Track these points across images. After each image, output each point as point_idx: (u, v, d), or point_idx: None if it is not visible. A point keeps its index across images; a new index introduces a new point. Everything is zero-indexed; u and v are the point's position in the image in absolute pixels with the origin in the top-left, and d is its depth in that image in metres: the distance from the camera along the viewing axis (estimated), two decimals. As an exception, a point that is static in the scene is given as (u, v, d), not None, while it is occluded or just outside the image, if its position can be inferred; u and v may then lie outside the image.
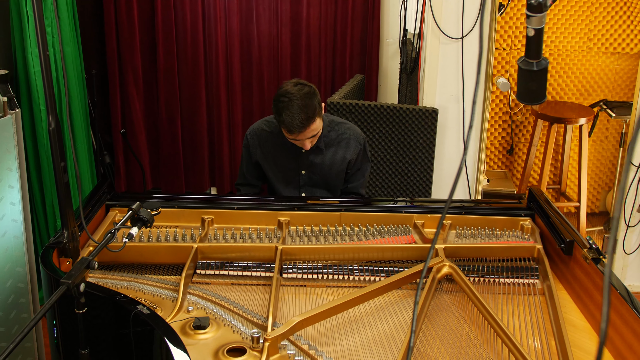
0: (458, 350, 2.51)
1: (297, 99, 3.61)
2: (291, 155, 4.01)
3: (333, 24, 6.31)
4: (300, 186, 4.06)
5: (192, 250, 3.11)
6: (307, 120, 3.62)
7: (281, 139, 3.97)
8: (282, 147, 4.00)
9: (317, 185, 4.07)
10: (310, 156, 3.99)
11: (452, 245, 3.14)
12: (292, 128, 3.63)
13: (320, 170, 4.03)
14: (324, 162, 4.01)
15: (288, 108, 3.61)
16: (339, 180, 4.09)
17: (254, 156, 4.07)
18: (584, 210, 5.81)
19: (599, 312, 2.65)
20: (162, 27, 6.02)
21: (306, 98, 3.63)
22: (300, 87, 3.68)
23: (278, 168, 4.06)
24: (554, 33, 6.12)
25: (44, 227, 5.05)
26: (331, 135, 4.00)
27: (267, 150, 4.05)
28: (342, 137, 4.02)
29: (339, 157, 4.02)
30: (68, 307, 2.73)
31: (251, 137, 4.07)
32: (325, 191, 4.10)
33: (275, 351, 2.46)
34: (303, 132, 3.67)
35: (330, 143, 4.00)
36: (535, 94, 2.34)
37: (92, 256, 2.44)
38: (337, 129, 4.03)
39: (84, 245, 3.21)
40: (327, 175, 4.04)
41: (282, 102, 3.65)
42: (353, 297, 2.72)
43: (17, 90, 4.74)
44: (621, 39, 6.13)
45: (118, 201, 3.59)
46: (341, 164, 4.03)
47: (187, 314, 2.73)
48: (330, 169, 4.03)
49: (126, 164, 6.46)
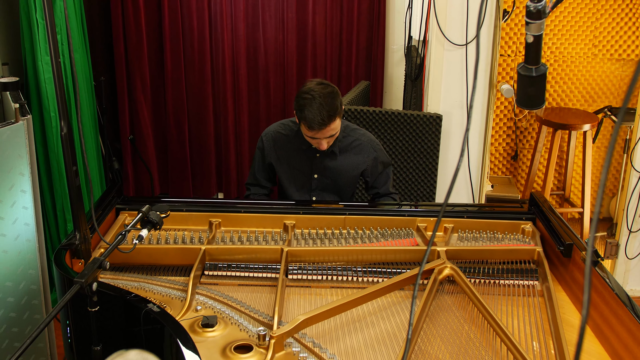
0: (458, 349, 2.58)
1: (320, 97, 3.69)
2: (305, 159, 4.08)
3: (339, 31, 6.37)
4: (311, 190, 4.13)
5: (200, 252, 3.19)
6: (329, 119, 3.69)
7: (296, 143, 4.05)
8: (297, 151, 4.07)
9: (328, 189, 4.14)
10: (325, 160, 4.06)
11: (453, 248, 3.21)
12: (313, 124, 3.70)
13: (332, 175, 4.10)
14: (337, 167, 4.08)
15: (311, 105, 3.68)
16: (350, 186, 4.16)
17: (267, 158, 4.14)
18: (587, 215, 5.86)
19: (597, 312, 2.71)
20: (170, 34, 6.09)
21: (328, 97, 3.71)
22: (323, 86, 3.76)
23: (291, 171, 4.12)
24: (559, 39, 6.17)
25: (54, 231, 5.13)
26: (346, 141, 4.07)
27: (282, 153, 4.12)
28: (357, 143, 4.09)
29: (352, 163, 4.08)
30: (81, 307, 2.80)
31: (266, 140, 4.14)
32: (335, 196, 4.16)
33: (281, 348, 2.53)
34: (323, 130, 3.74)
35: (344, 148, 4.06)
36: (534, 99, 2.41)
37: (104, 256, 2.52)
38: (351, 134, 4.09)
39: (95, 247, 3.29)
40: (339, 180, 4.11)
41: (305, 99, 3.72)
42: (356, 297, 2.80)
43: (27, 97, 4.81)
44: (626, 45, 6.18)
45: (128, 205, 3.67)
46: (354, 170, 4.10)
47: (196, 313, 2.81)
48: (343, 175, 4.10)
49: (134, 170, 6.53)
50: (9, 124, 3.73)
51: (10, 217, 3.79)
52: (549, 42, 6.15)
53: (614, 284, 2.64)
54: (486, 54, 4.89)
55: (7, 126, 3.71)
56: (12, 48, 5.08)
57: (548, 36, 6.12)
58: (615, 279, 2.73)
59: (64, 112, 2.86)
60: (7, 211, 3.76)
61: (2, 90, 4.09)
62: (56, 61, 2.79)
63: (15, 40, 5.01)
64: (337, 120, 3.77)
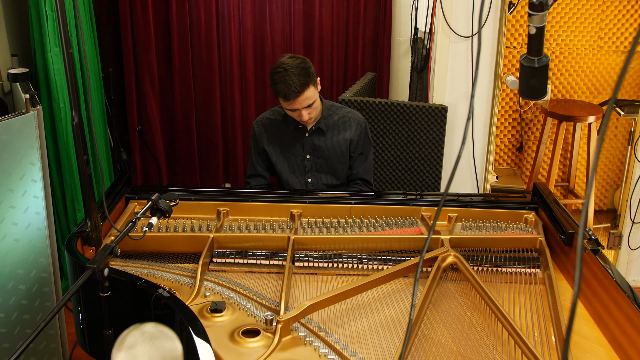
0: (460, 334, 2.63)
1: (292, 68, 3.81)
2: (295, 140, 4.18)
3: (345, 22, 6.41)
4: (306, 171, 4.21)
5: (208, 240, 3.25)
6: (302, 86, 3.80)
7: (284, 125, 4.17)
8: (286, 133, 4.18)
9: (322, 170, 4.21)
10: (313, 139, 4.15)
11: (457, 237, 3.26)
12: (288, 94, 3.81)
13: (324, 154, 4.18)
14: (327, 145, 4.16)
15: (283, 76, 3.80)
16: (343, 163, 4.23)
17: (260, 143, 4.23)
18: (591, 207, 5.91)
19: (597, 300, 2.76)
20: (177, 26, 6.13)
21: (299, 67, 3.83)
22: (294, 59, 3.89)
23: (284, 154, 4.21)
24: (564, 32, 6.20)
25: (64, 220, 5.19)
26: (332, 118, 4.17)
27: (273, 137, 4.22)
28: (344, 119, 4.19)
29: (341, 138, 4.17)
30: (92, 293, 2.87)
31: (257, 127, 4.25)
32: (331, 176, 4.23)
33: (288, 333, 2.59)
34: (298, 99, 3.84)
35: (331, 126, 4.16)
36: (536, 89, 2.45)
37: (115, 243, 2.58)
38: (337, 112, 4.21)
39: (105, 235, 3.36)
40: (331, 158, 4.19)
41: (278, 72, 3.85)
42: (361, 283, 2.85)
43: (36, 88, 4.86)
44: (631, 37, 6.20)
45: (137, 194, 3.74)
46: (343, 145, 4.18)
47: (205, 299, 2.87)
48: (334, 152, 4.17)
49: (142, 161, 6.58)
50: (19, 115, 3.78)
51: (22, 206, 3.85)
52: (555, 35, 6.19)
53: (614, 273, 2.69)
54: (491, 46, 4.92)
55: (18, 117, 3.76)
56: (21, 40, 5.14)
57: (554, 28, 6.16)
58: (615, 267, 2.78)
59: (75, 102, 2.92)
60: (18, 200, 3.82)
61: (12, 81, 4.14)
62: (67, 52, 2.84)
63: (24, 31, 5.07)
64: (311, 88, 3.88)
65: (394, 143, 5.16)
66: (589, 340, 2.64)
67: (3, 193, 3.71)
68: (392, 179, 5.29)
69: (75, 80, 2.96)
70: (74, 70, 3.00)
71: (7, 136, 3.66)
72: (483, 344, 2.57)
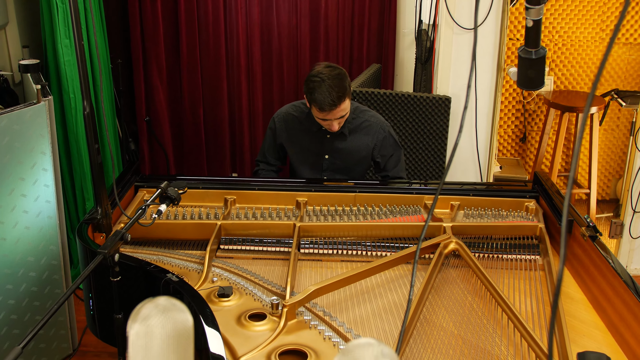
0: (461, 318, 2.71)
1: (329, 79, 3.81)
2: (316, 140, 4.20)
3: (351, 15, 6.45)
4: (322, 170, 4.25)
5: (216, 227, 3.33)
6: (338, 99, 3.81)
7: (307, 124, 4.18)
8: (308, 132, 4.20)
9: (339, 170, 4.26)
10: (335, 142, 4.18)
11: (459, 224, 3.34)
12: (324, 106, 3.82)
13: (343, 156, 4.21)
14: (347, 148, 4.19)
15: (320, 87, 3.80)
16: (360, 166, 4.27)
17: (278, 139, 4.27)
18: (594, 196, 5.96)
19: (595, 285, 2.83)
20: (185, 18, 6.18)
21: (337, 78, 3.83)
22: (331, 69, 3.89)
23: (302, 152, 4.25)
24: (567, 24, 6.24)
25: (73, 209, 5.26)
26: (355, 122, 4.18)
27: (293, 134, 4.24)
28: (366, 124, 4.20)
29: (362, 143, 4.19)
30: (103, 278, 2.94)
31: (278, 121, 4.27)
32: (346, 177, 4.27)
33: (293, 317, 2.66)
34: (333, 111, 3.86)
35: (354, 130, 4.18)
36: (534, 80, 2.51)
37: (125, 229, 2.66)
38: (361, 116, 4.21)
39: (115, 222, 3.43)
40: (349, 161, 4.22)
41: (314, 81, 3.85)
42: (365, 269, 2.93)
43: (47, 79, 4.92)
44: (633, 29, 6.24)
45: (146, 182, 3.81)
46: (363, 150, 4.21)
47: (212, 284, 2.95)
48: (353, 155, 4.21)
49: (150, 151, 6.63)
50: (31, 105, 3.85)
51: (33, 194, 3.92)
52: (558, 27, 6.24)
53: (612, 259, 2.76)
54: (494, 38, 4.98)
55: (30, 107, 3.84)
56: (32, 31, 5.21)
57: (557, 20, 6.21)
58: (613, 254, 2.85)
59: (86, 92, 2.99)
60: (29, 189, 3.89)
61: (23, 72, 4.20)
62: (79, 44, 2.91)
63: (35, 23, 5.14)
64: (347, 100, 3.89)
65: (399, 133, 5.22)
66: (586, 324, 2.72)
67: (14, 181, 3.79)
68: (397, 169, 5.35)
69: (87, 71, 3.02)
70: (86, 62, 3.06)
71: (19, 126, 3.74)
72: (483, 328, 2.65)
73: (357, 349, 0.95)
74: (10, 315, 3.95)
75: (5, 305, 3.91)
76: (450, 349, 2.52)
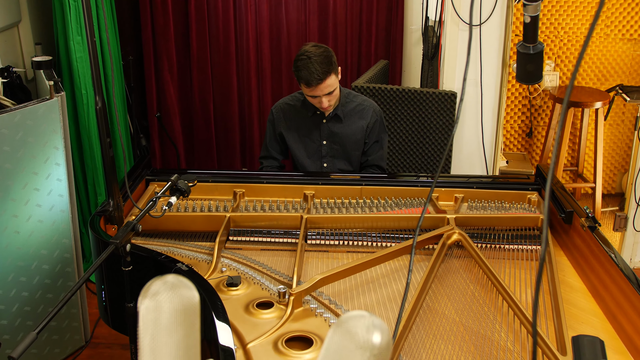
0: (463, 306, 2.78)
1: (315, 56, 3.93)
2: (313, 126, 4.31)
3: (359, 12, 6.51)
4: (322, 157, 4.34)
5: (225, 219, 3.41)
6: (324, 74, 3.93)
7: (303, 111, 4.30)
8: (304, 118, 4.31)
9: (337, 156, 4.35)
10: (331, 126, 4.28)
11: (462, 215, 3.41)
12: (310, 80, 3.94)
13: (340, 140, 4.31)
14: (344, 132, 4.29)
15: (306, 64, 3.93)
16: (358, 150, 4.36)
17: (277, 128, 4.37)
18: (599, 190, 6.02)
19: (594, 274, 2.90)
20: (195, 15, 6.24)
21: (322, 55, 3.96)
22: (317, 47, 4.02)
23: (301, 139, 4.35)
24: (572, 20, 6.30)
25: (85, 203, 5.35)
26: (349, 106, 4.29)
27: (291, 122, 4.35)
28: (360, 107, 4.32)
29: (357, 126, 4.30)
30: (115, 270, 3.03)
31: (276, 112, 4.38)
32: (345, 162, 4.36)
33: (299, 305, 2.74)
34: (320, 86, 3.97)
35: (348, 113, 4.29)
36: (532, 74, 2.58)
37: (137, 220, 2.74)
38: (354, 100, 4.33)
39: (126, 215, 3.51)
40: (346, 144, 4.32)
41: (301, 59, 3.97)
42: (369, 259, 3.01)
43: (59, 75, 4.99)
44: (637, 25, 6.28)
45: (157, 176, 3.90)
46: (359, 133, 4.31)
47: (221, 274, 3.03)
48: (350, 138, 4.31)
49: (161, 147, 6.70)
50: (44, 100, 3.94)
51: (46, 188, 4.01)
52: (563, 23, 6.29)
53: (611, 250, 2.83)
54: (499, 34, 5.03)
55: (43, 102, 3.92)
56: (44, 29, 5.29)
57: (562, 17, 6.27)
58: (610, 244, 2.91)
59: (99, 87, 3.06)
60: (42, 183, 3.98)
61: (36, 68, 4.28)
62: (92, 40, 2.98)
63: (47, 21, 5.22)
64: (333, 75, 4.00)
65: (406, 128, 5.29)
66: (585, 312, 2.78)
67: (28, 176, 3.87)
68: (404, 163, 5.41)
69: (99, 66, 3.10)
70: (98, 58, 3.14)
71: (32, 121, 3.82)
72: (484, 315, 2.72)
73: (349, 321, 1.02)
74: (23, 307, 4.04)
75: (19, 297, 3.99)
76: (451, 335, 2.60)
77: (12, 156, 3.75)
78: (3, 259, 3.85)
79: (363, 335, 1.00)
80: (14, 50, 4.93)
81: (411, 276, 3.01)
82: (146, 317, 1.05)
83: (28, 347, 2.16)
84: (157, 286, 1.05)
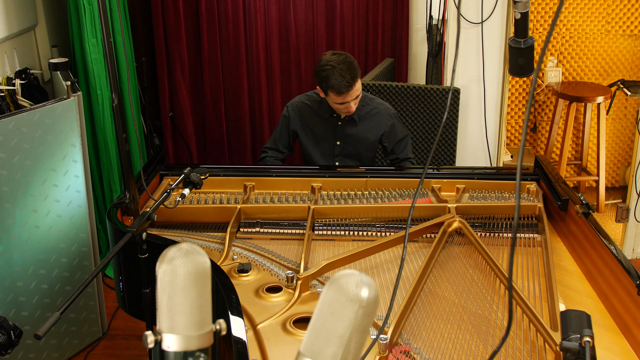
0: (462, 289, 2.92)
1: (339, 64, 4.03)
2: (328, 127, 4.43)
3: (365, 12, 6.61)
4: (334, 156, 4.46)
5: (236, 211, 3.56)
6: (352, 80, 4.03)
7: (319, 112, 4.42)
8: (320, 119, 4.43)
9: (350, 156, 4.47)
10: (346, 128, 4.40)
11: (463, 205, 3.55)
12: (341, 89, 4.03)
13: (354, 142, 4.43)
14: (358, 134, 4.41)
15: (333, 73, 4.02)
16: (370, 151, 4.48)
17: (292, 126, 4.49)
18: (602, 183, 6.15)
19: (588, 257, 3.04)
20: (206, 17, 6.34)
21: (346, 62, 4.06)
22: (338, 55, 4.13)
23: (315, 139, 4.47)
24: (573, 17, 6.40)
25: (101, 200, 5.47)
26: (364, 110, 4.40)
27: (306, 122, 4.47)
28: (375, 111, 4.42)
29: (371, 129, 4.41)
30: (131, 260, 3.18)
31: (292, 109, 4.50)
32: (357, 162, 4.49)
33: (307, 289, 2.89)
34: (350, 92, 4.07)
35: (363, 117, 4.40)
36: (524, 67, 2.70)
37: (152, 210, 2.89)
38: (370, 103, 4.43)
39: (142, 207, 3.66)
40: (360, 146, 4.44)
41: (326, 70, 4.06)
42: (374, 245, 3.16)
43: (75, 76, 5.10)
44: (638, 22, 6.39)
45: (170, 171, 4.06)
46: (373, 136, 4.43)
47: (232, 261, 3.18)
48: (364, 141, 4.43)
49: (174, 146, 6.82)
50: (61, 100, 4.08)
51: (64, 184, 4.14)
52: (565, 20, 6.41)
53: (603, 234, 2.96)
54: (500, 31, 5.16)
55: (60, 102, 4.07)
56: (60, 31, 5.44)
57: (564, 14, 6.37)
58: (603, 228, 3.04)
59: (115, 85, 3.20)
60: (60, 179, 4.11)
61: (53, 70, 4.41)
62: (107, 40, 3.12)
63: (63, 24, 5.37)
64: (359, 80, 4.11)
65: (412, 123, 5.42)
66: (579, 293, 2.92)
67: (47, 172, 4.01)
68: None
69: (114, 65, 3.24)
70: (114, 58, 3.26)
71: (51, 120, 3.96)
72: (482, 297, 2.86)
73: (341, 278, 1.17)
74: (43, 299, 4.17)
75: (38, 289, 4.12)
76: (451, 315, 2.74)
77: (31, 153, 3.88)
78: (24, 253, 3.98)
79: (353, 290, 1.15)
80: (31, 52, 5.07)
81: (414, 263, 3.15)
82: (163, 279, 1.20)
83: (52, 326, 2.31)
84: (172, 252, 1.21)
